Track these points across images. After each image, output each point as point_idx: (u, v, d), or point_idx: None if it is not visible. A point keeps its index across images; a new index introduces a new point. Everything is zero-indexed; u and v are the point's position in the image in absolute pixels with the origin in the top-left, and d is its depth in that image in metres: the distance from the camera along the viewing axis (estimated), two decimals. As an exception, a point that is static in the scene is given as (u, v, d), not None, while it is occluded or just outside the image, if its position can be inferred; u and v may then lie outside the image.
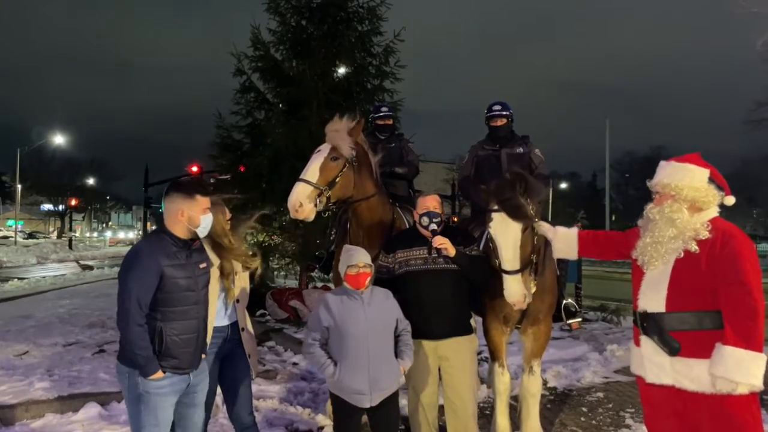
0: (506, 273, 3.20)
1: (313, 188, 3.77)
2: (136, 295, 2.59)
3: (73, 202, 47.86)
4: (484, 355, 4.41)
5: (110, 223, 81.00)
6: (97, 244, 46.80)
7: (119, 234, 65.08)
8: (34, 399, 4.72)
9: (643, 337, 2.72)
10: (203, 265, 2.90)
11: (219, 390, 3.33)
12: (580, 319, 4.37)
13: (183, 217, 2.77)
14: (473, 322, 3.83)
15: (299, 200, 3.74)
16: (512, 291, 3.19)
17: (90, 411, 4.56)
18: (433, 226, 3.49)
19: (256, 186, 9.02)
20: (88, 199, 65.25)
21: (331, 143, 3.93)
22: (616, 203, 53.46)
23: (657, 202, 2.75)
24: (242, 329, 3.33)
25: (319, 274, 9.20)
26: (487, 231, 3.29)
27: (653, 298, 2.67)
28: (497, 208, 3.21)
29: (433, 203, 3.56)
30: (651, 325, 2.66)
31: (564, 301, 4.15)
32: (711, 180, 2.69)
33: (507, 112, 4.60)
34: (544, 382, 5.54)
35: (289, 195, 3.85)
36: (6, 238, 43.86)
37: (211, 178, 11.06)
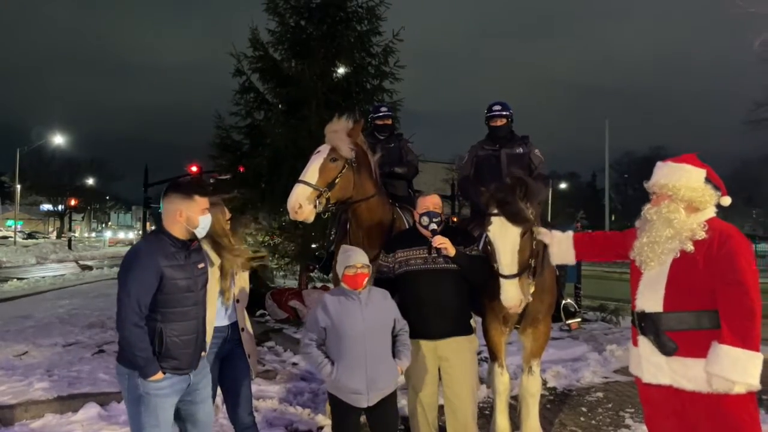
0: (503, 277, 3.19)
1: (312, 189, 3.77)
2: (136, 296, 2.59)
3: (73, 203, 47.81)
4: (484, 355, 4.41)
5: (110, 223, 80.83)
6: (96, 245, 46.70)
7: (119, 234, 64.09)
8: (34, 399, 4.72)
9: (641, 337, 2.73)
10: (201, 265, 2.90)
11: (219, 390, 3.34)
12: (580, 320, 4.37)
13: (181, 217, 2.76)
14: (473, 323, 3.83)
15: (299, 202, 3.74)
16: (509, 296, 3.19)
17: (89, 411, 4.56)
18: (433, 225, 3.49)
19: (256, 186, 9.02)
20: (88, 200, 65.29)
21: (331, 144, 3.93)
22: (615, 203, 53.50)
23: (654, 202, 2.76)
24: (242, 329, 3.34)
25: (319, 274, 9.20)
26: (486, 234, 3.29)
27: (651, 298, 2.68)
28: (496, 212, 3.21)
29: (433, 203, 3.55)
30: (649, 325, 2.67)
31: (563, 302, 4.15)
32: (707, 180, 2.70)
33: (507, 113, 4.61)
34: (544, 382, 5.54)
35: (287, 194, 3.85)
36: (5, 238, 43.84)
37: (211, 178, 11.05)
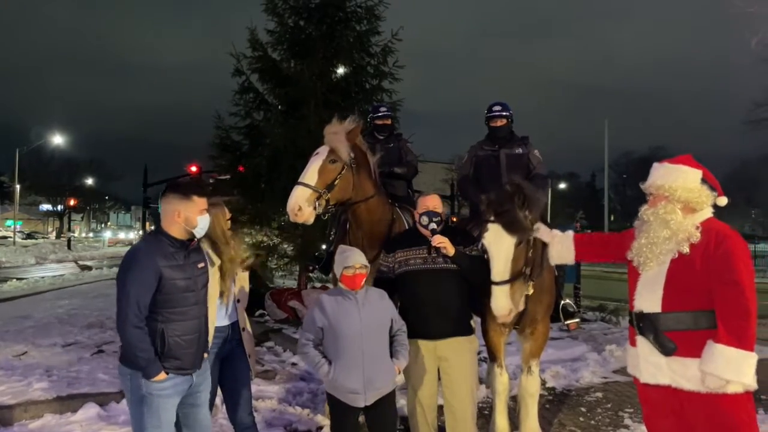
0: (494, 284, 3.18)
1: (311, 191, 3.77)
2: (135, 297, 2.59)
3: (72, 203, 47.85)
4: (483, 356, 4.42)
5: (109, 223, 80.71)
6: (96, 245, 46.64)
7: (120, 234, 63.44)
8: (33, 399, 4.72)
9: (639, 338, 2.74)
10: (201, 265, 2.90)
11: (219, 390, 3.34)
12: (578, 320, 4.38)
13: (180, 218, 2.76)
14: (473, 323, 3.83)
15: (298, 204, 3.74)
16: (498, 304, 3.16)
17: (89, 411, 4.57)
18: (433, 225, 3.49)
19: (255, 186, 9.02)
20: (87, 200, 65.29)
21: (330, 145, 3.93)
22: (614, 203, 53.58)
23: (651, 203, 2.77)
24: (243, 329, 3.34)
25: (318, 274, 9.20)
26: (482, 241, 3.28)
27: (649, 299, 2.69)
28: (493, 219, 3.20)
29: (433, 203, 3.55)
30: (647, 325, 2.68)
31: (562, 302, 4.15)
32: (704, 181, 2.71)
33: (507, 113, 4.61)
34: (543, 383, 5.54)
35: (287, 195, 3.85)
36: (5, 238, 43.82)
37: (210, 179, 11.06)
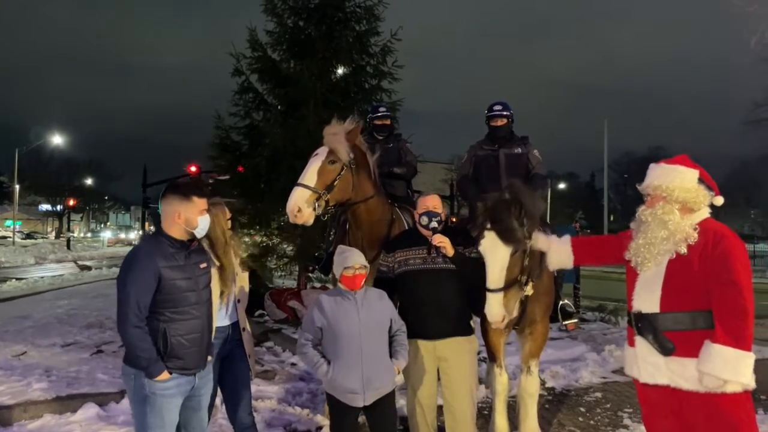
0: (488, 291, 3.19)
1: (311, 192, 3.77)
2: (135, 298, 2.60)
3: (72, 203, 47.79)
4: (483, 356, 4.42)
5: (108, 224, 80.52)
6: (95, 245, 46.58)
7: (120, 234, 62.34)
8: (32, 399, 4.72)
9: (638, 338, 2.74)
10: (204, 265, 2.91)
11: (218, 390, 3.34)
12: (576, 320, 4.38)
13: (180, 219, 2.77)
14: (472, 323, 3.83)
15: (297, 205, 3.73)
16: (492, 311, 3.16)
17: (88, 411, 4.57)
18: (434, 224, 3.48)
19: (255, 186, 9.03)
20: (87, 200, 65.23)
21: (329, 146, 3.92)
22: (614, 203, 53.57)
23: (649, 204, 2.77)
24: (243, 329, 3.35)
25: (318, 274, 9.20)
26: (478, 247, 3.28)
27: (647, 299, 2.69)
28: (489, 227, 3.20)
29: (432, 203, 3.55)
30: (645, 325, 2.68)
31: (560, 302, 4.15)
32: (701, 180, 2.71)
33: (507, 113, 4.61)
34: (542, 383, 5.54)
35: (287, 195, 3.85)
36: (4, 238, 43.79)
37: (210, 179, 11.05)
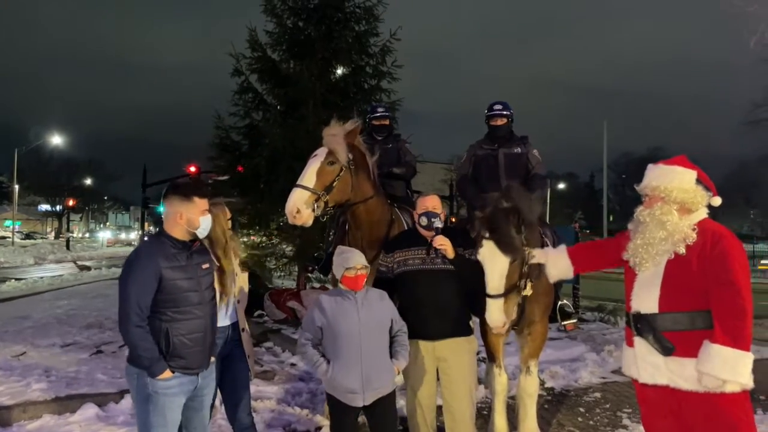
0: (489, 297, 3.20)
1: (310, 194, 3.77)
2: (135, 298, 2.62)
3: (71, 203, 47.76)
4: (482, 356, 4.42)
5: (108, 224, 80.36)
6: (93, 245, 46.49)
7: (121, 235, 61.20)
8: (32, 400, 4.72)
9: (636, 338, 2.74)
10: (206, 266, 2.93)
11: (218, 390, 3.34)
12: (576, 321, 4.38)
13: (182, 219, 2.79)
14: (471, 323, 3.83)
15: (296, 206, 3.73)
16: (492, 317, 3.18)
17: (87, 412, 4.57)
18: (438, 224, 3.48)
19: (255, 186, 9.03)
20: (86, 200, 65.15)
21: (328, 147, 3.92)
22: (613, 204, 53.55)
23: (647, 204, 2.77)
24: (243, 330, 3.35)
25: (317, 275, 9.20)
26: (477, 255, 3.29)
27: (646, 299, 2.69)
28: (488, 236, 3.20)
29: (432, 203, 3.54)
30: (644, 325, 2.68)
31: (559, 302, 4.16)
32: (698, 181, 2.71)
33: (507, 112, 4.61)
34: (542, 383, 5.54)
35: (286, 195, 3.85)
36: (3, 238, 43.75)
37: (209, 179, 11.04)
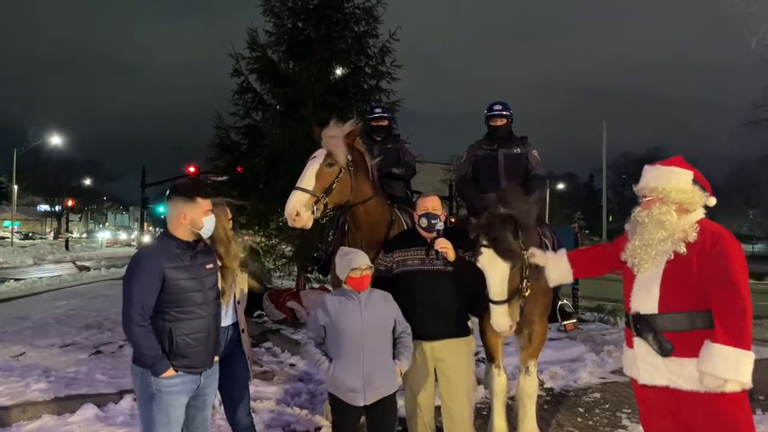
0: (492, 303, 3.21)
1: (309, 196, 3.76)
2: (138, 297, 2.66)
3: (70, 203, 47.72)
4: (482, 356, 4.42)
5: (107, 224, 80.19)
6: (92, 245, 46.38)
7: (122, 235, 59.77)
8: (31, 400, 4.72)
9: (636, 339, 2.75)
10: (210, 266, 2.96)
11: (217, 390, 3.34)
12: (575, 320, 4.38)
13: (185, 220, 2.83)
14: (470, 324, 3.83)
15: (296, 209, 3.72)
16: (498, 321, 3.21)
17: (87, 412, 4.56)
18: (439, 225, 3.48)
19: (254, 187, 9.03)
20: (85, 200, 65.07)
21: (327, 149, 3.92)
22: (612, 204, 53.59)
23: (645, 205, 2.78)
24: (243, 331, 3.36)
25: (317, 275, 9.20)
26: (477, 263, 3.29)
27: (645, 300, 2.70)
28: (486, 244, 3.21)
29: (432, 204, 3.55)
30: (644, 326, 2.68)
31: (559, 302, 4.16)
32: (695, 181, 2.72)
33: (507, 113, 4.61)
34: (541, 383, 5.55)
35: (285, 195, 3.84)
36: (2, 238, 43.74)
37: (208, 180, 11.04)
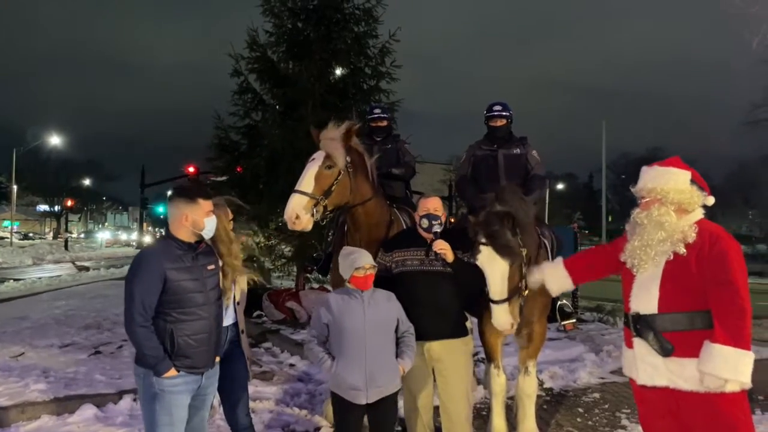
0: (493, 302, 3.21)
1: (309, 199, 3.75)
2: (140, 298, 2.68)
3: (69, 203, 47.67)
4: (481, 356, 4.42)
5: (106, 224, 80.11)
6: (92, 245, 46.32)
7: (122, 235, 59.27)
8: (30, 400, 4.71)
9: (636, 339, 2.74)
10: (212, 267, 2.97)
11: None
12: (575, 320, 4.38)
13: (187, 221, 2.84)
14: (468, 324, 3.83)
15: (295, 212, 3.72)
16: (500, 320, 3.22)
17: (86, 412, 4.56)
18: (437, 228, 3.48)
19: (254, 187, 9.03)
20: (84, 200, 65.04)
21: (325, 151, 3.91)
22: (612, 204, 53.57)
23: (643, 206, 2.78)
24: (242, 331, 3.36)
25: (316, 275, 9.19)
26: (476, 261, 3.29)
27: (645, 300, 2.70)
28: (485, 242, 3.20)
29: (433, 205, 3.54)
30: (644, 326, 2.68)
31: (558, 302, 4.16)
32: (693, 182, 2.73)
33: (507, 113, 4.61)
34: (541, 383, 5.55)
35: (285, 196, 3.84)
36: (2, 239, 43.70)
37: (208, 180, 11.05)
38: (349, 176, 3.96)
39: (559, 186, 51.47)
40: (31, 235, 54.34)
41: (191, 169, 17.18)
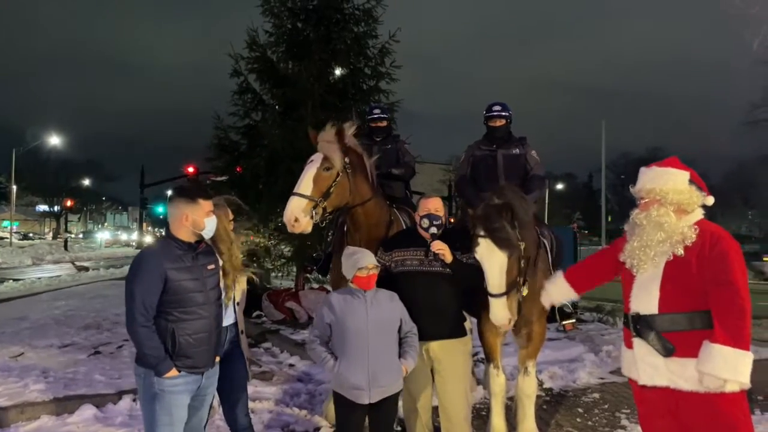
0: (491, 296, 3.21)
1: (307, 201, 3.75)
2: (141, 298, 2.69)
3: (69, 203, 47.66)
4: (481, 356, 4.42)
5: (106, 224, 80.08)
6: (92, 246, 46.29)
7: (122, 235, 59.50)
8: (30, 401, 4.71)
9: (636, 339, 2.74)
10: (212, 267, 2.98)
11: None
12: (574, 320, 4.38)
13: (187, 221, 2.85)
14: (468, 324, 3.83)
15: (294, 215, 3.72)
16: (497, 315, 3.22)
17: (85, 413, 4.56)
18: (433, 229, 3.48)
19: (254, 187, 9.03)
20: (84, 200, 65.05)
21: (323, 153, 3.91)
22: (611, 204, 53.58)
23: (643, 207, 2.77)
24: (242, 332, 3.36)
25: (316, 275, 9.19)
26: (475, 255, 3.29)
27: (645, 300, 2.70)
28: (483, 234, 3.21)
29: (434, 205, 3.55)
30: (644, 327, 2.68)
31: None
32: (691, 182, 2.72)
33: (506, 113, 4.61)
34: (540, 383, 5.55)
35: (285, 196, 3.84)
36: (1, 239, 43.68)
37: (207, 180, 11.05)
38: (348, 177, 3.95)
39: (559, 186, 51.52)
40: (30, 235, 54.34)
41: (191, 170, 17.18)
